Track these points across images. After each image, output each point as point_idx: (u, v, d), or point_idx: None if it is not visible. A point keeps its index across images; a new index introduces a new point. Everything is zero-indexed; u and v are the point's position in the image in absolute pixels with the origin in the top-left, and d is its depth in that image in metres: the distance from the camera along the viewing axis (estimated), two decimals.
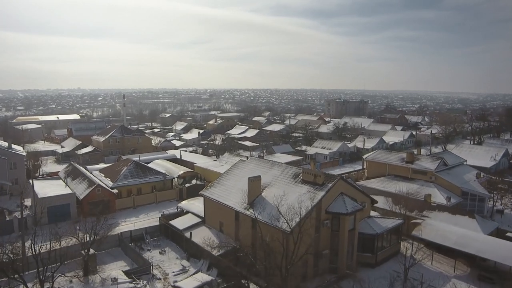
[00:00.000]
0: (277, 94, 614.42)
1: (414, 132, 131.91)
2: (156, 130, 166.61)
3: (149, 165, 76.68)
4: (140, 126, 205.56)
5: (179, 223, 46.97)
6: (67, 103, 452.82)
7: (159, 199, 64.21)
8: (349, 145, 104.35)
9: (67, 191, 58.21)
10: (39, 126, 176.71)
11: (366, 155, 66.28)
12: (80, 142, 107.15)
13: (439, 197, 53.11)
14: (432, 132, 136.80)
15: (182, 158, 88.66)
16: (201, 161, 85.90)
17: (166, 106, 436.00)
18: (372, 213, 45.42)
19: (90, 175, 66.00)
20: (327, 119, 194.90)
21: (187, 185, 71.83)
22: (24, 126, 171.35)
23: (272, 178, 41.99)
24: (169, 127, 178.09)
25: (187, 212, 50.31)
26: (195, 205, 50.77)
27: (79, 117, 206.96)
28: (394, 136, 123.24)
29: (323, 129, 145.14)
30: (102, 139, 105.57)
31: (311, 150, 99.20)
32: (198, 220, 47.14)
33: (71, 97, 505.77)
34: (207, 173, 78.25)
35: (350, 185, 39.91)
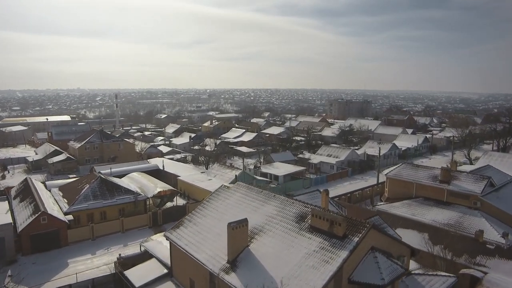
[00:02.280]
0: (277, 94, 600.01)
1: (425, 136, 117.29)
2: (147, 133, 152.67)
3: (122, 179, 62.87)
4: (133, 127, 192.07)
5: (137, 275, 32.93)
6: (64, 103, 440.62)
7: (127, 227, 50.17)
8: (358, 152, 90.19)
9: (3, 220, 44.22)
10: (25, 128, 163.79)
11: (387, 171, 52.38)
12: (54, 148, 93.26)
13: (490, 232, 38.98)
14: (446, 135, 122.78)
15: (165, 170, 74.72)
16: (186, 173, 71.91)
17: (165, 106, 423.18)
18: (411, 263, 31.35)
19: (43, 195, 51.99)
20: (330, 120, 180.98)
21: (169, 204, 58.19)
22: (8, 129, 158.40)
23: (265, 220, 27.93)
24: (161, 129, 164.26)
25: (152, 256, 36.27)
26: (163, 245, 36.75)
27: (70, 119, 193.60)
28: (406, 141, 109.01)
29: (327, 132, 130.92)
30: (78, 145, 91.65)
31: (315, 159, 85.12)
32: (164, 271, 33.11)
33: (69, 97, 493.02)
34: (191, 189, 64.35)
35: (382, 234, 25.78)
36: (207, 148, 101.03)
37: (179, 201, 62.11)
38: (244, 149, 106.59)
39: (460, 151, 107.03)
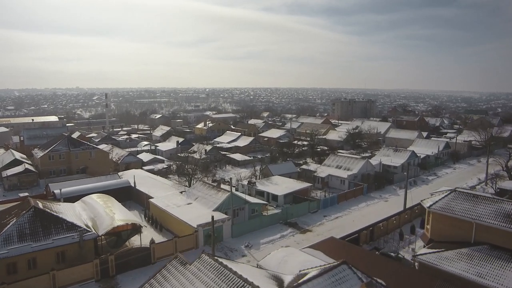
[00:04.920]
0: (277, 93, 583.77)
1: (446, 141, 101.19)
2: (134, 135, 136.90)
3: (74, 205, 47.44)
4: (124, 128, 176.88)
5: None
6: (61, 102, 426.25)
7: (63, 283, 34.52)
8: (373, 162, 74.41)
9: None
10: (6, 130, 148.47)
11: (430, 203, 36.64)
12: (14, 157, 77.81)
13: None
14: (466, 140, 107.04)
15: (137, 187, 59.22)
16: (162, 192, 56.43)
17: (163, 106, 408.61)
18: None
19: None
20: (333, 121, 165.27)
21: (135, 238, 42.66)
22: None
23: None
24: (150, 131, 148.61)
25: None
26: None
27: (57, 119, 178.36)
28: (425, 147, 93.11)
29: (333, 135, 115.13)
30: (41, 154, 76.12)
31: (322, 172, 69.40)
32: None
33: (65, 97, 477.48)
34: (165, 218, 48.77)
35: None
36: (196, 155, 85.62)
37: (150, 234, 46.70)
38: (238, 156, 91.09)
39: (479, 158, 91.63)
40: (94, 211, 44.78)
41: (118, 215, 43.26)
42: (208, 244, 42.82)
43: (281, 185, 61.21)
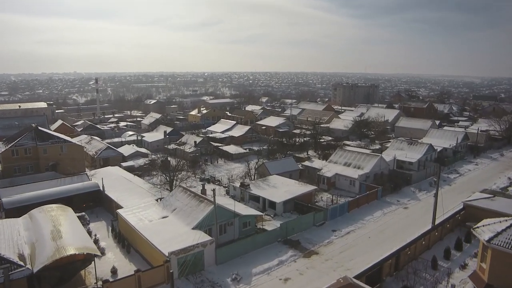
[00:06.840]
0: (277, 77, 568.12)
1: (465, 132, 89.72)
2: (122, 124, 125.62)
3: (18, 221, 36.79)
4: (115, 115, 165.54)
5: None
6: (56, 87, 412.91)
7: None
8: (385, 157, 63.32)
9: None
10: None
11: (489, 234, 25.68)
12: None
13: None
14: (482, 130, 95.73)
15: (106, 192, 48.46)
16: (135, 199, 45.63)
17: (160, 91, 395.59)
18: None
19: None
20: (335, 107, 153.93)
21: (95, 273, 32.17)
22: None
23: None
24: (136, 119, 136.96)
25: None
26: None
27: (46, 106, 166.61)
28: (441, 138, 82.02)
29: (337, 124, 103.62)
30: (3, 149, 65.07)
31: (328, 170, 58.41)
32: None
33: (61, 82, 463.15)
34: (132, 236, 38.16)
35: None
36: (185, 148, 74.90)
37: (114, 258, 36.29)
38: (232, 149, 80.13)
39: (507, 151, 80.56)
40: (38, 232, 34.08)
41: (66, 239, 32.46)
42: (184, 275, 32.49)
43: (280, 188, 50.50)
